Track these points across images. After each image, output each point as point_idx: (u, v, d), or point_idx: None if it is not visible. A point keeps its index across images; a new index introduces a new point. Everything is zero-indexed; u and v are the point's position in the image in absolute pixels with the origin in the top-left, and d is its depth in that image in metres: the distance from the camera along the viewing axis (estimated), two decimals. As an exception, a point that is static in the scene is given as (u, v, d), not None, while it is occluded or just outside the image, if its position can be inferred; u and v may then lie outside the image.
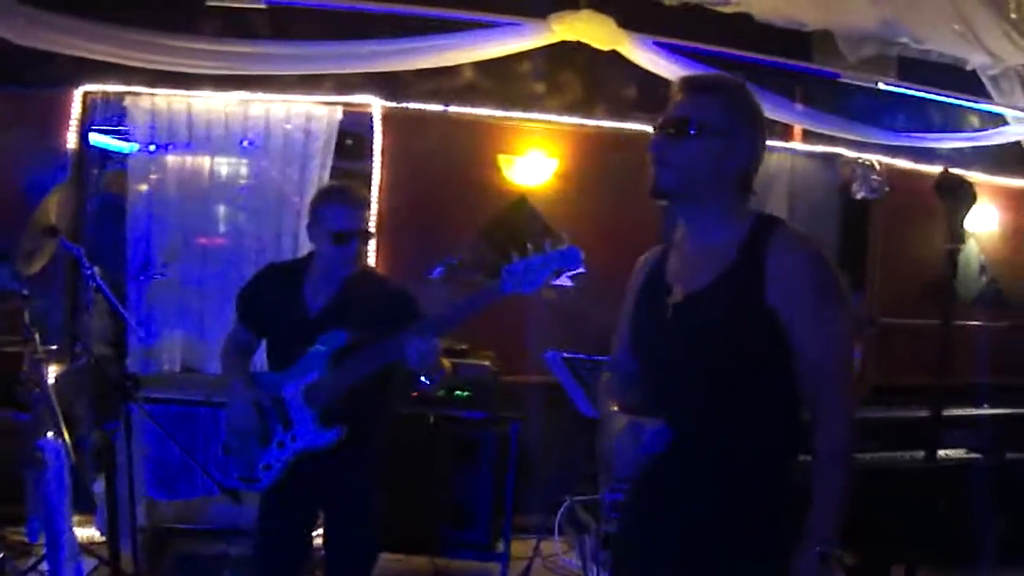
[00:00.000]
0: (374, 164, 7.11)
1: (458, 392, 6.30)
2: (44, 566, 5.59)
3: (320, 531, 4.46)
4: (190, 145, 6.80)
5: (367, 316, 4.09)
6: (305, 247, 6.38)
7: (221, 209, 7.00)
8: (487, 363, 6.49)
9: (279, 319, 4.31)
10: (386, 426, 4.41)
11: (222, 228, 7.01)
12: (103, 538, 6.10)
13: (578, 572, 6.56)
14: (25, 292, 5.43)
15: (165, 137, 6.77)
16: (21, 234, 6.13)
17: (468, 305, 3.90)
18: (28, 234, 5.45)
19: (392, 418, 4.57)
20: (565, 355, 4.28)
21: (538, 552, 6.43)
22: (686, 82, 2.86)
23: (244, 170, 6.98)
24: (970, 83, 8.00)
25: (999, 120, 8.48)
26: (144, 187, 6.85)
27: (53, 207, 5.58)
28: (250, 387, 4.25)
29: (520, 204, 7.40)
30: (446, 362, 4.16)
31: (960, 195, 2.52)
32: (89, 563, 5.79)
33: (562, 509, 6.81)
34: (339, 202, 4.22)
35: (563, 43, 6.87)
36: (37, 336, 5.42)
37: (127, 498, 5.67)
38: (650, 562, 2.85)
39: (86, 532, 6.14)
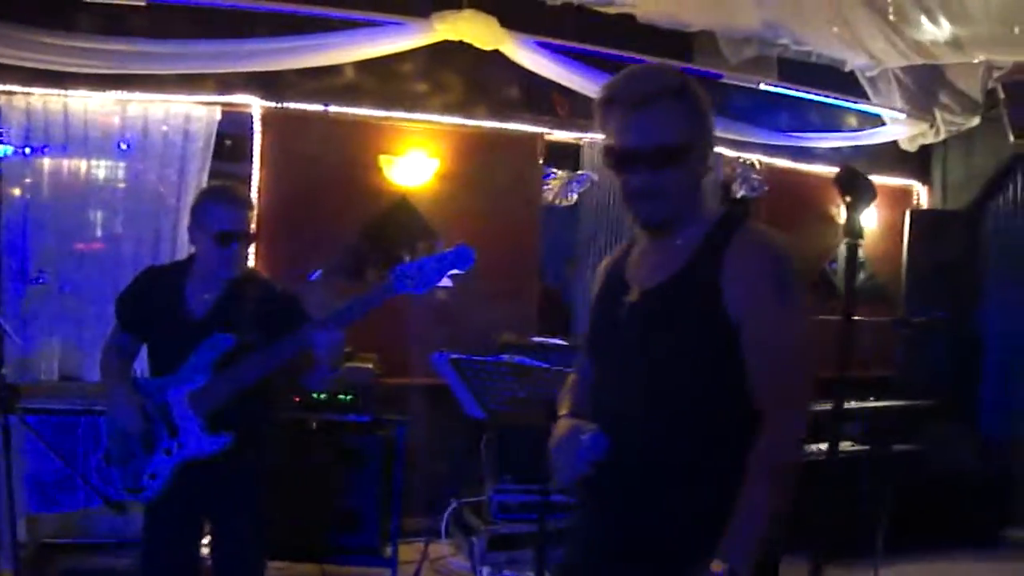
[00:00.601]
0: (254, 165, 7.05)
1: (340, 396, 6.24)
2: None
3: (206, 540, 4.39)
4: (66, 147, 6.64)
5: (253, 319, 4.05)
6: (184, 250, 6.39)
7: (98, 213, 6.83)
8: (369, 366, 6.46)
9: (161, 323, 4.22)
10: (273, 432, 4.38)
11: (99, 232, 6.84)
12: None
13: (467, 574, 6.59)
14: None
15: (41, 139, 6.58)
16: None
17: (362, 303, 3.95)
18: None
19: (278, 424, 4.55)
20: (452, 356, 4.28)
21: (426, 555, 6.43)
22: (630, 94, 2.64)
23: (121, 172, 6.82)
24: (849, 84, 8.16)
25: (877, 121, 8.67)
26: (19, 191, 6.66)
27: None
28: (133, 393, 4.15)
29: (401, 205, 7.38)
30: None
31: (860, 190, 2.54)
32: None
33: (448, 511, 6.85)
34: (221, 203, 4.16)
35: (445, 43, 6.88)
36: None
37: (6, 513, 5.57)
38: (597, 564, 2.77)
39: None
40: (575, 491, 2.84)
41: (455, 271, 3.95)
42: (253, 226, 4.30)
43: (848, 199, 2.54)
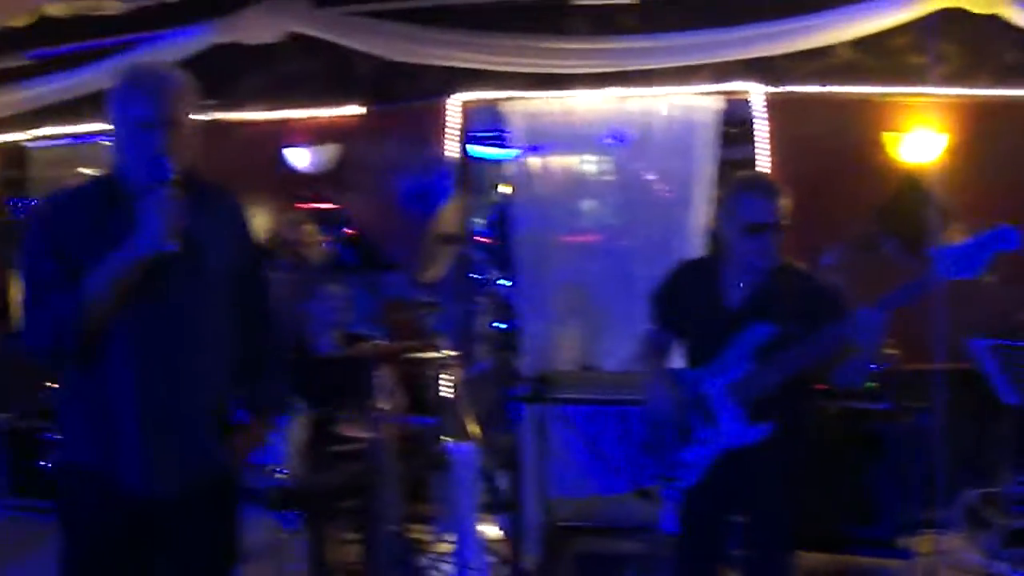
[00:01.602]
0: (757, 151, 6.90)
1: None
2: (447, 562, 5.73)
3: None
4: (569, 146, 6.81)
5: (791, 309, 3.94)
6: (695, 241, 6.38)
7: (604, 206, 6.97)
8: (892, 352, 6.18)
9: (697, 315, 4.21)
10: (809, 423, 4.26)
11: (607, 224, 6.96)
12: (503, 535, 6.18)
13: (982, 569, 6.18)
14: (428, 299, 5.55)
15: (543, 139, 6.79)
16: (411, 244, 6.33)
17: (910, 289, 3.79)
18: (426, 243, 5.58)
19: (813, 415, 4.40)
20: (993, 343, 4.01)
21: (941, 548, 6.08)
22: None
23: (618, 167, 6.89)
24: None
25: None
26: (525, 190, 6.91)
27: (449, 216, 5.70)
28: (671, 384, 4.17)
29: (911, 184, 7.02)
30: None
31: None
32: (491, 560, 5.86)
33: (962, 502, 6.46)
34: (753, 193, 4.08)
35: (940, 11, 6.50)
36: (441, 342, 5.55)
37: (531, 497, 5.72)
38: None
39: (488, 529, 6.21)
40: None
41: (1002, 252, 3.66)
42: (783, 216, 4.14)
43: None
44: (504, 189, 8.15)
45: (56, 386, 3.41)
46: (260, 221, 7.50)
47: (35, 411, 7.31)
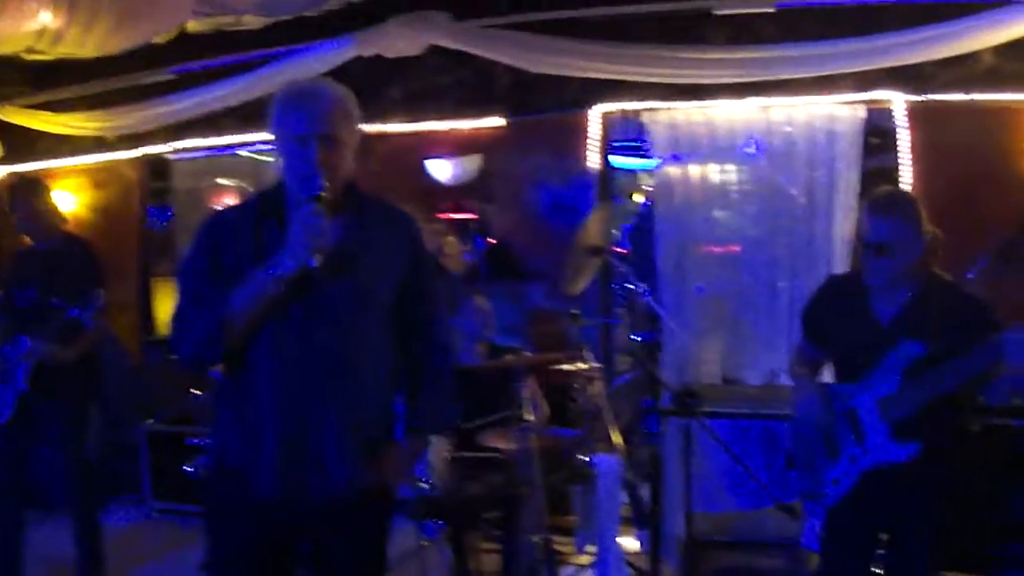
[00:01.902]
0: (900, 160, 6.74)
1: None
2: (587, 575, 5.81)
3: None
4: (709, 155, 6.78)
5: (943, 326, 3.87)
6: (840, 252, 6.32)
7: (745, 216, 6.88)
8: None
9: (847, 330, 4.17)
10: (960, 443, 4.20)
11: (748, 234, 6.88)
12: (642, 549, 6.18)
13: None
14: (574, 311, 5.57)
15: (685, 150, 6.77)
16: (552, 254, 6.35)
17: None
18: (572, 254, 5.59)
19: (965, 434, 4.33)
20: None
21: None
22: None
23: (767, 176, 6.79)
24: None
25: None
26: (665, 200, 6.89)
27: (595, 227, 5.70)
28: (820, 400, 4.15)
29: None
30: None
31: None
32: (629, 574, 5.85)
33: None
34: (872, 211, 4.02)
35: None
36: (587, 353, 5.56)
37: (673, 510, 5.71)
38: None
39: (627, 542, 6.21)
40: None
41: None
42: (922, 237, 4.05)
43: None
44: (638, 199, 8.18)
45: (201, 392, 3.51)
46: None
47: (180, 416, 7.49)
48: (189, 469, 5.99)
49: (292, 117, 3.21)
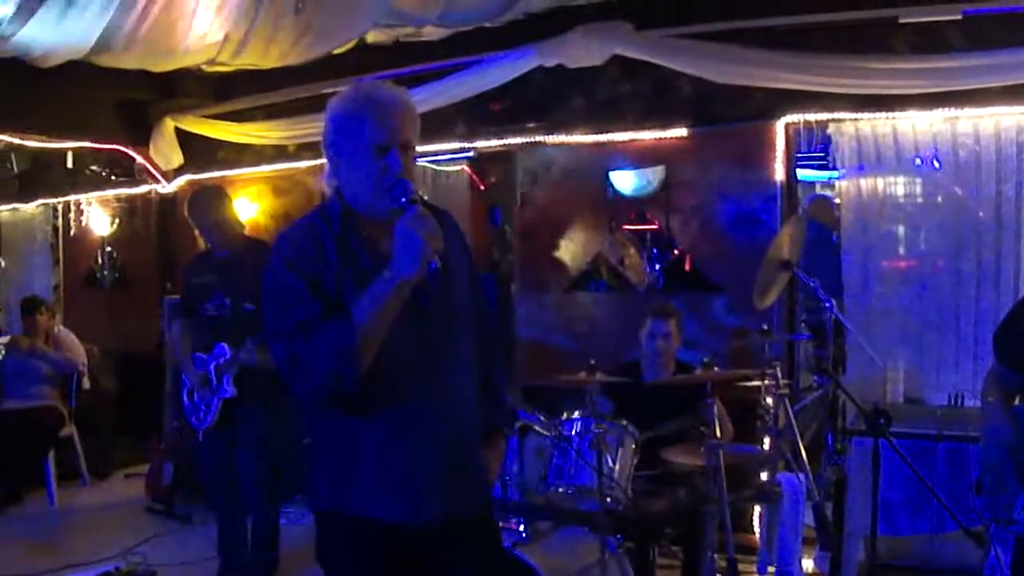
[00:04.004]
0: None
1: None
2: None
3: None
4: (895, 168, 6.63)
5: None
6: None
7: (930, 231, 6.67)
8: None
9: None
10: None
11: (934, 249, 6.67)
12: (817, 568, 6.09)
13: None
14: (764, 327, 5.50)
15: (870, 161, 6.66)
16: (736, 267, 6.28)
17: None
18: (764, 269, 5.52)
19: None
20: None
21: None
22: None
23: (953, 189, 6.60)
24: None
25: None
26: (851, 213, 6.77)
27: (785, 241, 5.63)
28: (1012, 423, 4.03)
29: None
30: None
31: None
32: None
33: None
34: None
35: None
36: (777, 370, 5.48)
37: (855, 532, 5.59)
38: None
39: (805, 563, 6.12)
40: None
41: None
42: None
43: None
44: (816, 211, 8.03)
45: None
46: (584, 243, 7.64)
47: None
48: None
49: (367, 127, 3.12)
